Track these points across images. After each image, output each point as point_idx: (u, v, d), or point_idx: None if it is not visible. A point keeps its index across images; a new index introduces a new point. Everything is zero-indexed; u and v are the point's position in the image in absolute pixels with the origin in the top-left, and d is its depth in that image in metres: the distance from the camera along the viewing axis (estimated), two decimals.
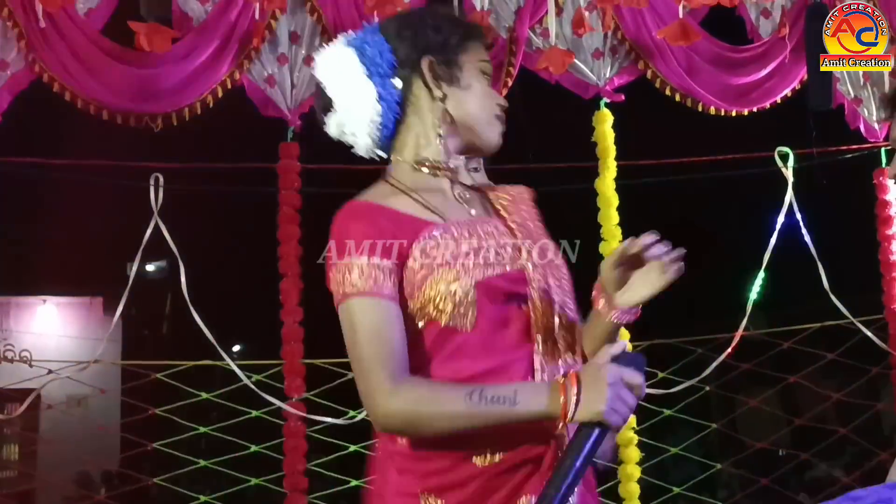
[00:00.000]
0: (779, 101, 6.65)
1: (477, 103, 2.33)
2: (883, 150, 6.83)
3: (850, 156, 7.03)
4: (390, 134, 2.31)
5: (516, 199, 2.40)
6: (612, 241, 6.42)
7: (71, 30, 5.73)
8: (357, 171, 2.58)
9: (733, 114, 6.63)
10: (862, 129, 6.79)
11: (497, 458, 2.13)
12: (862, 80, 6.69)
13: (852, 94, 6.71)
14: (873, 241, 6.81)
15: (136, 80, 5.77)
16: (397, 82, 2.27)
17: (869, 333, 6.68)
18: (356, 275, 2.13)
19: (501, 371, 2.17)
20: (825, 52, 6.25)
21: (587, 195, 6.51)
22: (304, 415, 5.96)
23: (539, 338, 2.22)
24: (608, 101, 6.51)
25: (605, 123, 6.48)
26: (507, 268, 2.23)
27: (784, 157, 6.71)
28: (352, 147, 2.37)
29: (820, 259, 6.63)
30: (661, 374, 6.78)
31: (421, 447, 2.14)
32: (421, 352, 2.16)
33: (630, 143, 6.60)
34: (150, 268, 13.52)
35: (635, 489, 6.42)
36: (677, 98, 6.52)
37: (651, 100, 6.55)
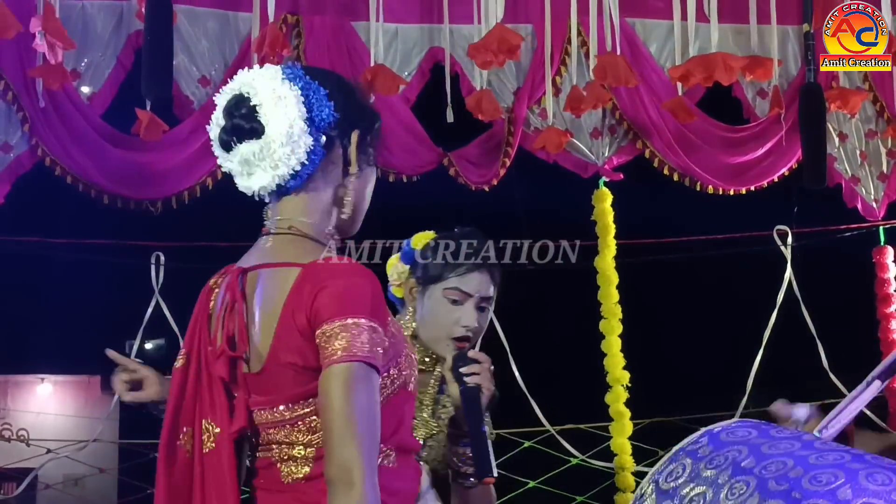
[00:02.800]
0: (776, 180, 6.69)
1: (368, 190, 2.29)
2: (881, 228, 6.86)
3: (848, 234, 7.06)
4: (296, 187, 2.18)
5: None
6: (612, 318, 6.43)
7: (73, 115, 5.80)
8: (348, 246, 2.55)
9: (731, 192, 6.66)
10: (860, 207, 6.82)
11: None
12: (860, 159, 6.74)
13: (850, 174, 6.76)
14: (872, 319, 6.82)
15: (136, 165, 5.82)
16: (327, 142, 2.18)
17: (868, 413, 6.65)
18: (372, 340, 2.04)
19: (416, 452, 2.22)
20: (821, 132, 6.32)
21: (587, 273, 6.52)
22: None
23: None
24: (607, 179, 6.55)
25: (604, 202, 6.52)
26: None
27: (783, 236, 6.74)
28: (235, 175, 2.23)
29: (819, 337, 6.64)
30: (661, 453, 6.74)
31: None
32: (388, 423, 2.10)
33: (630, 222, 6.63)
34: (148, 346, 13.50)
35: None
36: (675, 177, 6.56)
37: (650, 178, 6.60)
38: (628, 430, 6.45)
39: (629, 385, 6.36)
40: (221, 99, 2.25)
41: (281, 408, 2.11)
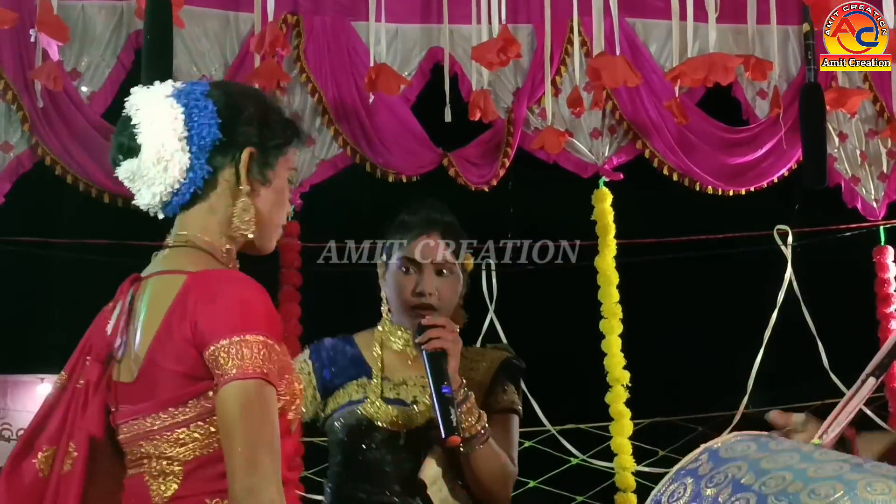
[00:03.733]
0: (776, 180, 6.69)
1: (274, 208, 2.27)
2: (881, 228, 6.86)
3: (848, 234, 7.06)
4: (182, 204, 2.20)
5: None
6: (613, 318, 6.43)
7: (73, 113, 5.80)
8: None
9: (730, 193, 6.66)
10: (860, 207, 6.82)
11: None
12: (860, 159, 6.74)
13: (850, 174, 6.76)
14: (872, 319, 6.82)
15: None
16: (213, 160, 2.17)
17: (869, 412, 6.65)
18: (270, 359, 2.02)
19: (293, 485, 2.18)
20: (821, 132, 6.32)
21: (587, 273, 6.53)
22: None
23: None
24: (607, 179, 6.55)
25: (604, 202, 6.52)
26: None
27: (783, 236, 6.74)
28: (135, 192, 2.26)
29: (819, 337, 6.64)
30: (661, 452, 6.76)
31: None
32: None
33: (630, 222, 6.63)
34: None
35: None
36: (675, 177, 6.56)
37: (651, 178, 6.60)
38: (628, 429, 6.45)
39: (629, 385, 6.36)
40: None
41: (151, 417, 2.09)
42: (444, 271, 2.87)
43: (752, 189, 6.69)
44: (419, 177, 6.38)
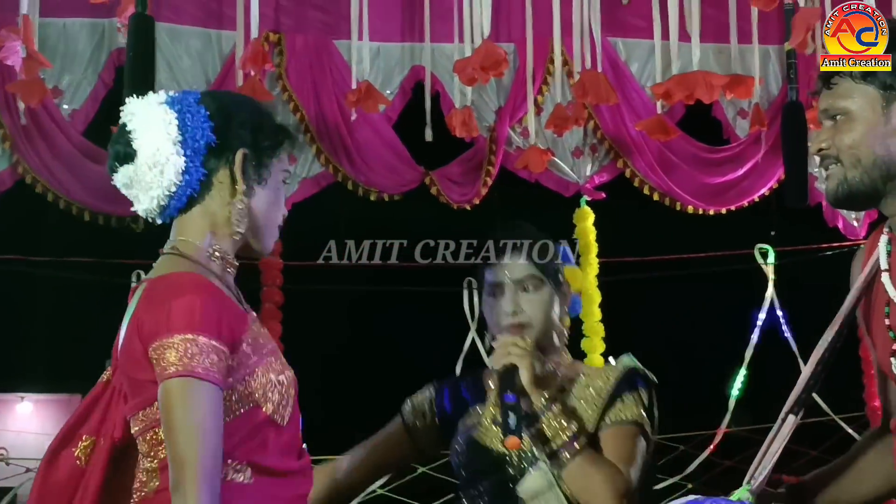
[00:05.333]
0: (757, 199, 6.71)
1: (272, 208, 2.32)
2: (862, 247, 6.88)
3: (830, 253, 7.08)
4: (180, 208, 2.27)
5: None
6: (595, 337, 6.43)
7: (54, 131, 5.79)
8: (337, 269, 2.58)
9: (711, 212, 6.68)
10: (841, 226, 6.84)
11: None
12: None
13: None
14: (853, 337, 6.82)
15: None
16: (208, 163, 2.24)
17: (850, 430, 6.67)
18: (201, 354, 2.07)
19: (300, 475, 2.22)
20: (803, 151, 6.35)
21: None
22: None
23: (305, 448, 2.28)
24: (589, 198, 6.56)
25: (586, 221, 6.53)
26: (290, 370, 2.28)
27: (764, 254, 6.76)
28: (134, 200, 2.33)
29: (801, 356, 6.65)
30: None
31: None
32: (237, 437, 2.13)
33: (612, 240, 6.64)
34: None
35: None
36: (655, 197, 6.58)
37: (633, 197, 6.61)
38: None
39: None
40: None
41: (133, 418, 2.16)
42: (529, 287, 2.88)
43: (732, 208, 6.71)
44: (401, 195, 6.38)
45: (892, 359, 2.25)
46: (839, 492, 2.39)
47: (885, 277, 2.25)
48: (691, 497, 2.08)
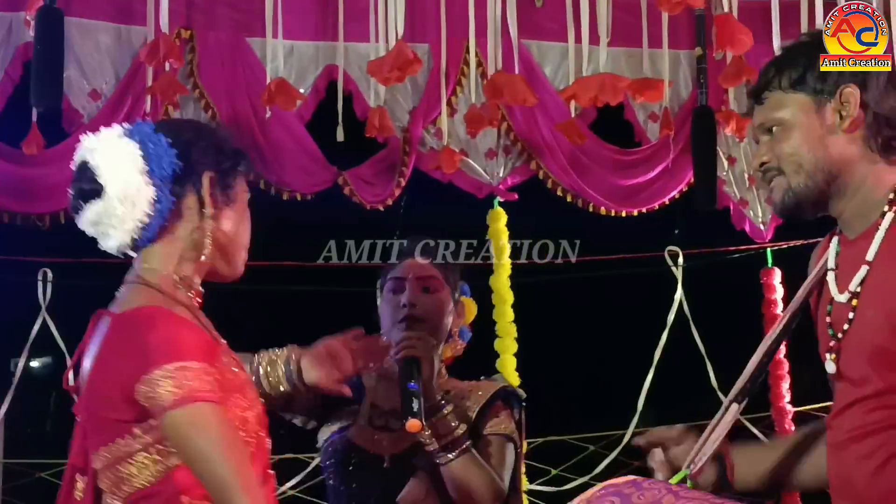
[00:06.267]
0: (667, 202, 6.78)
1: (240, 227, 2.32)
2: (769, 250, 7.00)
3: (737, 256, 7.19)
4: (151, 238, 2.25)
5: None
6: (507, 337, 6.45)
7: None
8: (259, 268, 2.56)
9: (623, 214, 6.74)
10: (748, 230, 6.94)
11: None
12: (748, 182, 6.87)
13: (738, 197, 6.88)
14: (760, 339, 6.91)
15: (24, 179, 5.70)
16: (176, 190, 2.23)
17: (756, 431, 6.77)
18: (197, 379, 2.07)
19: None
20: (712, 155, 6.44)
21: (483, 292, 6.54)
22: None
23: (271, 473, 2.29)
24: (502, 199, 6.59)
25: (499, 222, 6.55)
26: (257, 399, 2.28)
27: (674, 257, 6.83)
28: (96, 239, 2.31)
29: (708, 357, 6.74)
30: (553, 472, 6.80)
31: None
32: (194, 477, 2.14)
33: (525, 241, 6.67)
34: (34, 364, 13.21)
35: None
36: (568, 198, 6.62)
37: (546, 198, 6.64)
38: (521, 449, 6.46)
39: (524, 404, 6.37)
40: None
41: (94, 455, 2.15)
42: (430, 287, 2.93)
43: (643, 210, 6.78)
44: (314, 195, 6.35)
45: (828, 354, 2.28)
46: (772, 470, 2.44)
47: (830, 276, 2.29)
48: (631, 477, 2.11)
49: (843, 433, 2.22)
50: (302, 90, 6.14)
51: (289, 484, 6.41)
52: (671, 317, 6.74)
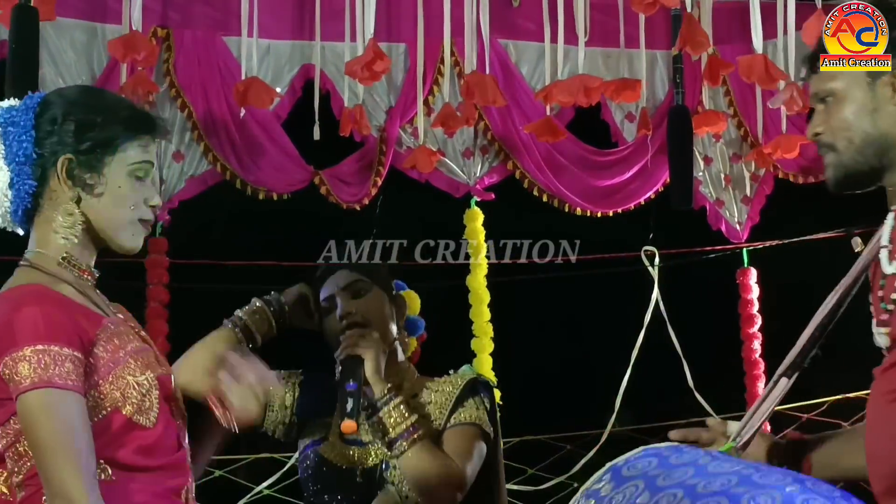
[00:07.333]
0: (643, 202, 6.80)
1: (112, 209, 2.27)
2: (745, 250, 7.02)
3: (713, 256, 7.20)
4: (25, 220, 2.25)
5: (123, 313, 2.39)
6: (484, 337, 6.45)
7: None
8: (225, 267, 2.55)
9: (598, 214, 6.75)
10: (724, 230, 6.97)
11: None
12: (724, 182, 6.89)
13: (714, 197, 6.90)
14: (736, 339, 6.95)
15: None
16: (35, 173, 2.21)
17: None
18: (55, 364, 2.07)
19: (171, 469, 2.22)
20: (689, 155, 6.45)
21: (459, 291, 6.55)
22: None
23: (186, 444, 2.29)
24: (479, 199, 6.59)
25: (475, 221, 6.56)
26: (162, 370, 2.29)
27: (650, 257, 6.85)
28: None
29: (685, 357, 6.75)
30: (530, 471, 6.80)
31: None
32: (105, 440, 2.14)
33: (502, 241, 6.67)
34: None
35: None
36: (544, 198, 6.62)
37: (523, 198, 6.65)
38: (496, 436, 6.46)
39: (500, 403, 6.37)
40: None
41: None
42: (360, 292, 2.95)
43: (619, 210, 6.79)
44: (290, 195, 6.34)
45: (880, 328, 2.26)
46: (837, 458, 2.44)
47: (882, 253, 2.28)
48: (667, 443, 2.11)
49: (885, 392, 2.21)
50: (279, 89, 6.13)
51: (265, 483, 6.39)
52: (648, 317, 6.75)
